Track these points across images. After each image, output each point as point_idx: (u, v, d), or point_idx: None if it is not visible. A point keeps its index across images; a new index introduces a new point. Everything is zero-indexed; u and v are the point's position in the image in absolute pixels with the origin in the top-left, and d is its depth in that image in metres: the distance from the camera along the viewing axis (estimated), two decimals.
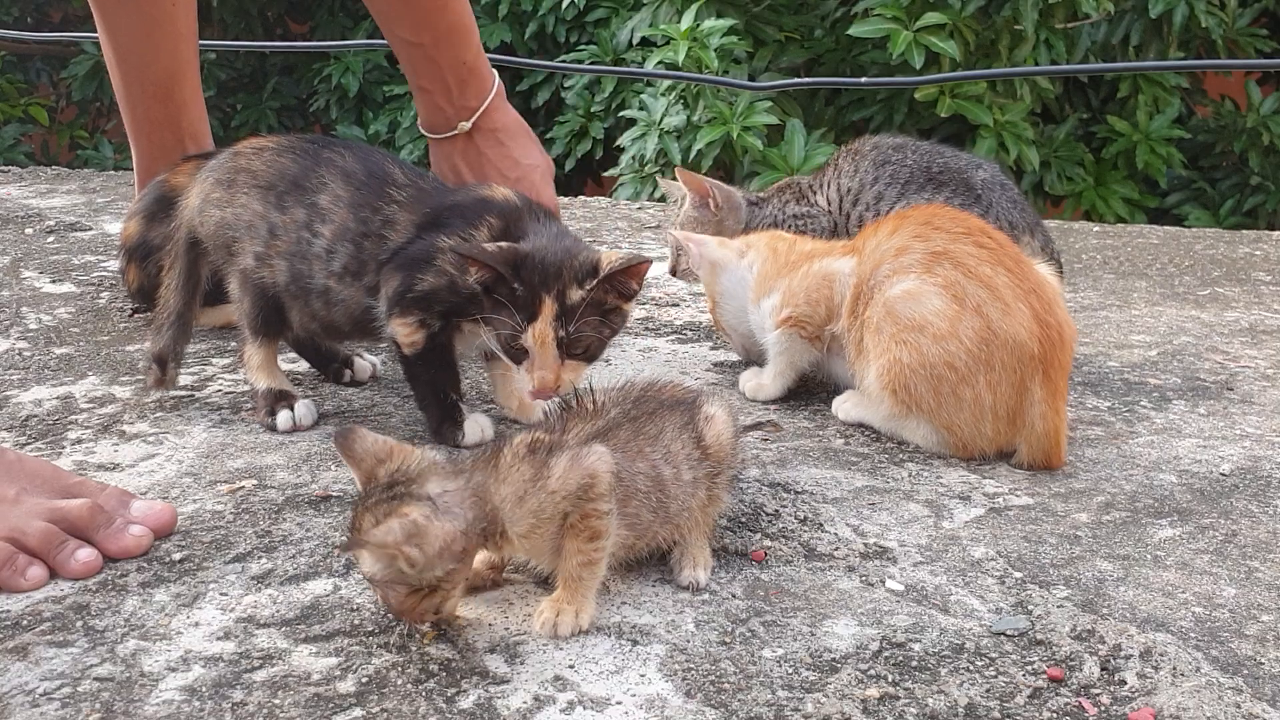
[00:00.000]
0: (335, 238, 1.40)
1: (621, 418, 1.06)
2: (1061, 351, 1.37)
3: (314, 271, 1.41)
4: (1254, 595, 1.08)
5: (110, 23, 1.95)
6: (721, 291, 1.67)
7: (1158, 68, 4.23)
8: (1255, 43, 4.31)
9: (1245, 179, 4.43)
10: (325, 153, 1.44)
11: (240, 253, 1.44)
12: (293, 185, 1.42)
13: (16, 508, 1.10)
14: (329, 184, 1.41)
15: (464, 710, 0.89)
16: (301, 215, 1.41)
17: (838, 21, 4.30)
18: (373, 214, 1.40)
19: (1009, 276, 1.39)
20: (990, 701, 0.91)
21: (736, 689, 0.92)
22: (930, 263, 1.40)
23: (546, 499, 0.97)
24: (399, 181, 1.43)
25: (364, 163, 1.44)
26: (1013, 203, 1.88)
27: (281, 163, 1.44)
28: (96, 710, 0.88)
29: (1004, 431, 1.37)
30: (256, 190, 1.43)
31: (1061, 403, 1.37)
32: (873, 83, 3.89)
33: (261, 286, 1.44)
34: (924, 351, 1.37)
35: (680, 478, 1.06)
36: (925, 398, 1.38)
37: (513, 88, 5.35)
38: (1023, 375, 1.35)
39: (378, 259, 1.39)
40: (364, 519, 0.94)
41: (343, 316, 1.43)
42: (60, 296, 2.04)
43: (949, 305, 1.37)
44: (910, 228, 1.45)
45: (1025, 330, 1.35)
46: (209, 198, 1.46)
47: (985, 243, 1.42)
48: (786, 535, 1.18)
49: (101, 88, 5.55)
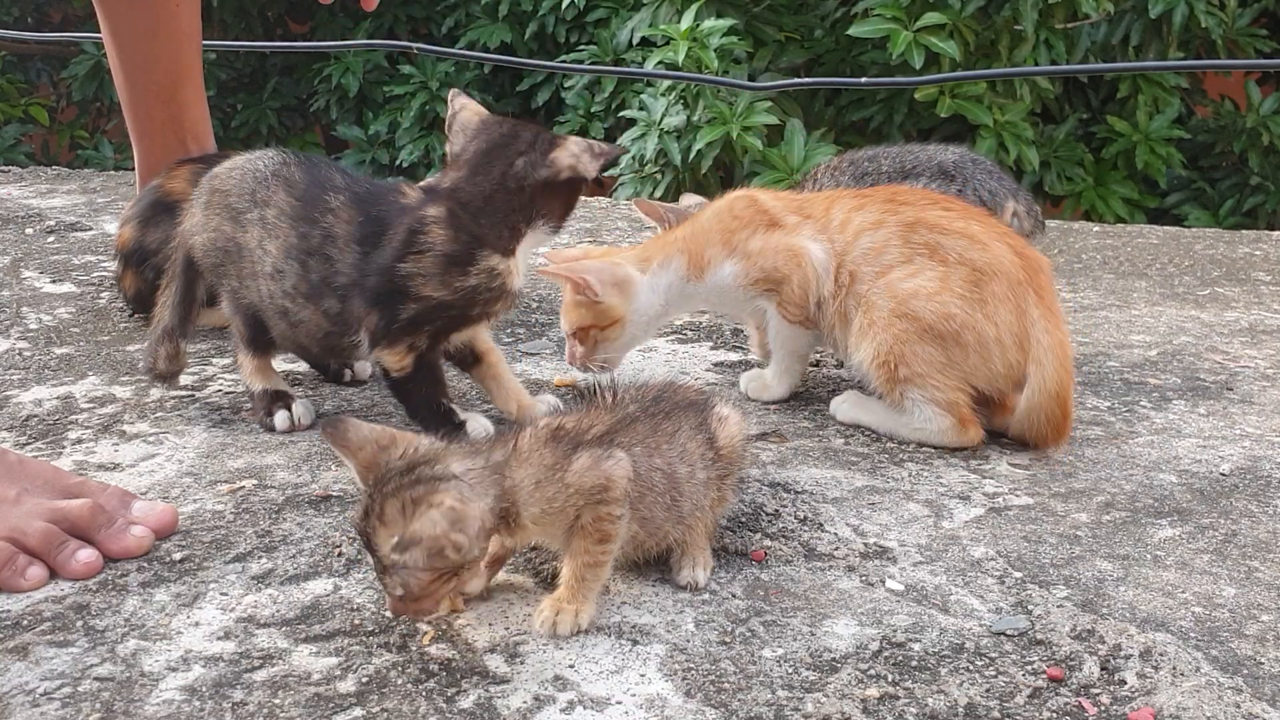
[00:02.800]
0: (282, 256, 1.36)
1: (640, 413, 1.06)
2: (1045, 277, 1.45)
3: (272, 291, 1.38)
4: (1254, 595, 1.08)
5: (114, 23, 1.95)
6: (636, 309, 1.53)
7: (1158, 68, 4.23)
8: (1255, 43, 4.31)
9: (1245, 179, 4.42)
10: (280, 167, 1.39)
11: (225, 275, 1.42)
12: (250, 202, 1.38)
13: (17, 508, 1.10)
14: (274, 199, 1.37)
15: (464, 710, 0.89)
16: (256, 233, 1.37)
17: (838, 21, 4.30)
18: (311, 228, 1.35)
19: (981, 225, 1.47)
20: (990, 701, 0.91)
21: (736, 689, 0.92)
22: (907, 233, 1.45)
23: (560, 491, 0.97)
24: (338, 185, 1.37)
25: (309, 173, 1.38)
26: (988, 173, 1.95)
27: (244, 180, 1.40)
28: (97, 710, 0.88)
29: (1015, 360, 1.40)
30: (226, 211, 1.40)
31: (1060, 321, 1.43)
32: (873, 83, 3.89)
33: (246, 305, 1.42)
34: (920, 314, 1.40)
35: (694, 477, 1.06)
36: (930, 361, 1.39)
37: (513, 88, 5.36)
38: (1017, 299, 1.41)
39: (332, 285, 1.34)
40: (387, 506, 0.92)
41: (307, 337, 1.40)
42: (60, 296, 2.04)
43: (935, 267, 1.43)
44: (877, 204, 1.50)
45: (1008, 260, 1.43)
46: (194, 223, 1.43)
47: (951, 206, 1.51)
48: (786, 535, 1.18)
49: (102, 88, 5.55)
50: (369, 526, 0.93)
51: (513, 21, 5.23)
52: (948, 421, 1.41)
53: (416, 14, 5.63)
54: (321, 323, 1.37)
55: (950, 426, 1.41)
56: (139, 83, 1.98)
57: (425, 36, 5.59)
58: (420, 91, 5.15)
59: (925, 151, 2.01)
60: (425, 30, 5.66)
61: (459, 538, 0.90)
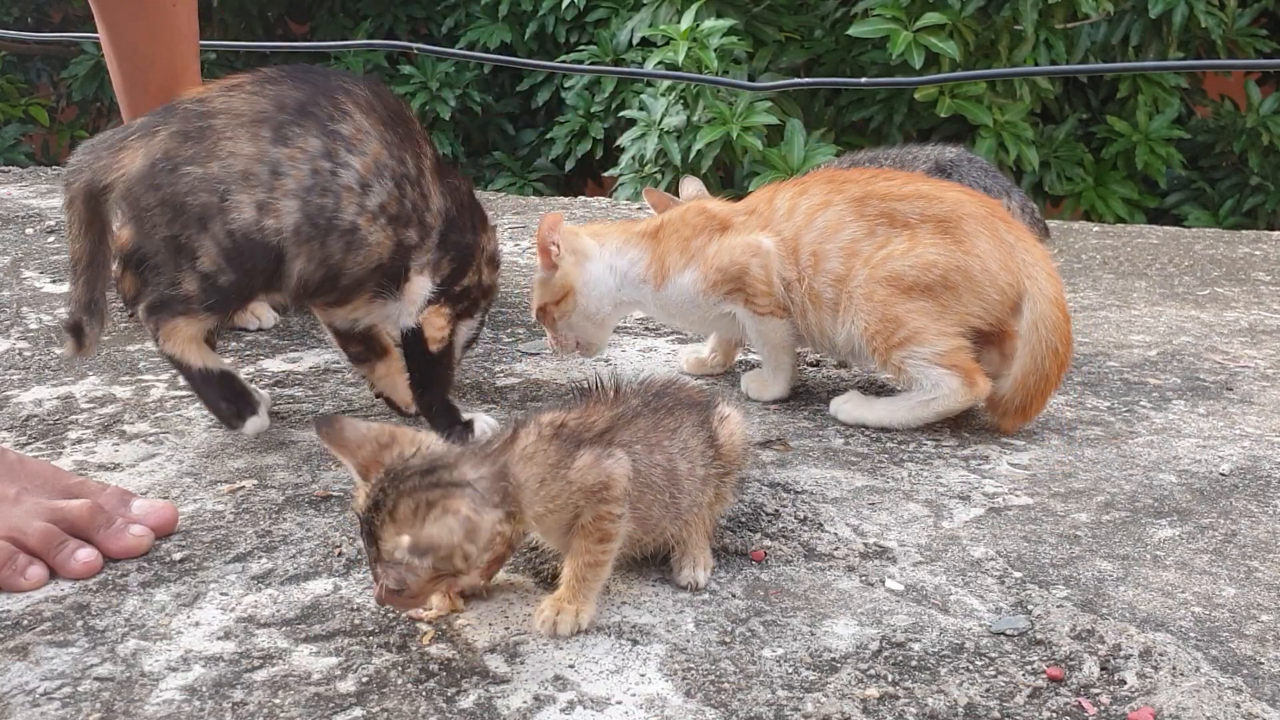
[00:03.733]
0: (373, 172, 1.36)
1: (642, 408, 1.06)
2: (1002, 210, 1.50)
3: (339, 207, 1.36)
4: (1254, 595, 1.08)
5: (112, 22, 1.95)
6: (586, 281, 1.56)
7: (1158, 68, 4.23)
8: (1255, 43, 4.31)
9: (1245, 179, 4.43)
10: (348, 88, 1.40)
11: (218, 214, 1.36)
12: (298, 115, 1.36)
13: (17, 507, 1.10)
14: (353, 117, 1.38)
15: (464, 710, 0.89)
16: (317, 145, 1.35)
17: (838, 22, 4.30)
18: (407, 154, 1.39)
19: (929, 183, 1.52)
20: (990, 701, 0.91)
21: (736, 689, 0.92)
22: (859, 206, 1.48)
23: (563, 488, 0.98)
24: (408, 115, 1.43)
25: (387, 103, 1.40)
26: (983, 170, 1.97)
27: (285, 96, 1.38)
28: (97, 710, 0.88)
29: (1006, 283, 1.43)
30: (248, 130, 1.35)
31: (1035, 240, 1.48)
32: (873, 83, 3.89)
33: (249, 244, 1.33)
34: (900, 274, 1.43)
35: (694, 473, 1.07)
36: (925, 312, 1.42)
37: (513, 87, 5.36)
38: (990, 229, 1.45)
39: (422, 218, 1.39)
40: (401, 503, 0.91)
41: (351, 264, 1.37)
42: (60, 296, 2.04)
43: (899, 233, 1.46)
44: (819, 186, 1.53)
45: (966, 200, 1.48)
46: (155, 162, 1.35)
47: (894, 176, 1.54)
48: (786, 535, 1.18)
49: (102, 88, 5.55)
50: (377, 519, 0.92)
51: (513, 21, 5.24)
52: (955, 381, 1.42)
53: (416, 14, 5.64)
54: (385, 252, 1.35)
55: (959, 386, 1.42)
56: (137, 83, 1.98)
57: (425, 36, 5.59)
58: (420, 91, 5.16)
59: (924, 151, 2.02)
60: (425, 30, 5.67)
61: (470, 548, 0.91)
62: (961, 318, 1.43)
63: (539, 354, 1.80)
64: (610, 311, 1.61)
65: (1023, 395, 1.44)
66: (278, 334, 1.85)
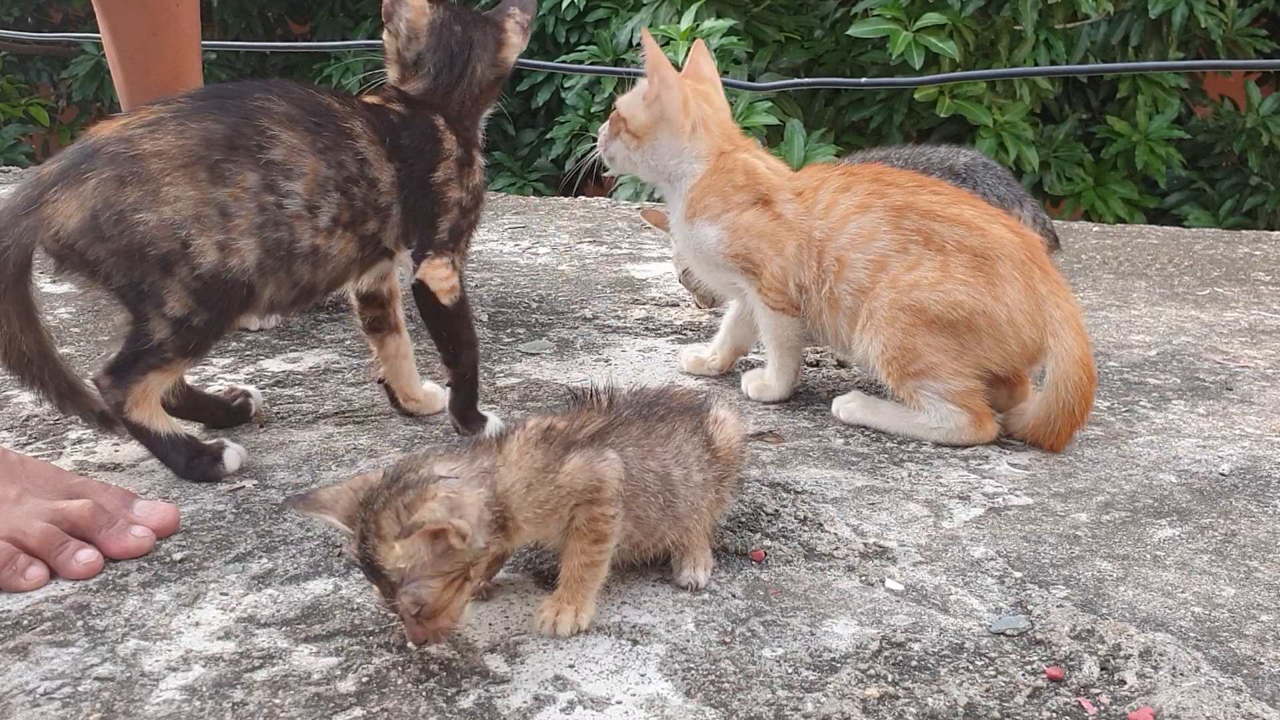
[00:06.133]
0: (313, 190, 1.32)
1: (634, 415, 1.06)
2: (1043, 254, 1.45)
3: (295, 237, 1.32)
4: (1253, 595, 1.08)
5: (113, 22, 1.95)
6: (654, 139, 1.58)
7: (1158, 68, 4.23)
8: (1255, 43, 4.31)
9: (1245, 179, 4.43)
10: (259, 104, 1.33)
11: (181, 261, 1.31)
12: (228, 151, 1.30)
13: (18, 508, 1.10)
14: (280, 137, 1.32)
15: (464, 710, 0.89)
16: (254, 179, 1.29)
17: (838, 22, 4.30)
18: (341, 155, 1.33)
19: (973, 209, 1.46)
20: (990, 701, 0.91)
21: (736, 689, 0.92)
22: (897, 218, 1.45)
23: (553, 492, 0.97)
24: (337, 110, 1.35)
25: (296, 103, 1.31)
26: (999, 179, 1.95)
27: (205, 133, 1.31)
28: (97, 710, 0.89)
29: (1030, 337, 1.40)
30: (186, 173, 1.28)
31: (1068, 293, 1.43)
32: (873, 83, 3.89)
33: (215, 286, 1.29)
34: (925, 305, 1.40)
35: (690, 479, 1.06)
36: (943, 350, 1.40)
37: (513, 87, 5.35)
38: (1024, 277, 1.41)
39: (376, 206, 1.34)
40: (382, 520, 0.91)
41: (323, 276, 1.36)
42: (60, 296, 2.04)
43: (933, 256, 1.42)
44: (863, 184, 1.50)
45: (1009, 239, 1.43)
46: (94, 212, 1.28)
47: (941, 190, 1.49)
48: (786, 535, 1.18)
49: (102, 88, 5.55)
50: (369, 548, 0.91)
51: None
52: (964, 419, 1.41)
53: None
54: (352, 251, 1.34)
55: (967, 424, 1.41)
56: (138, 83, 1.98)
57: None
58: None
59: (938, 153, 2.00)
60: None
61: (461, 524, 0.89)
62: (979, 360, 1.41)
63: (539, 354, 1.80)
64: (648, 169, 1.62)
65: (1030, 443, 1.45)
66: (278, 334, 1.85)
